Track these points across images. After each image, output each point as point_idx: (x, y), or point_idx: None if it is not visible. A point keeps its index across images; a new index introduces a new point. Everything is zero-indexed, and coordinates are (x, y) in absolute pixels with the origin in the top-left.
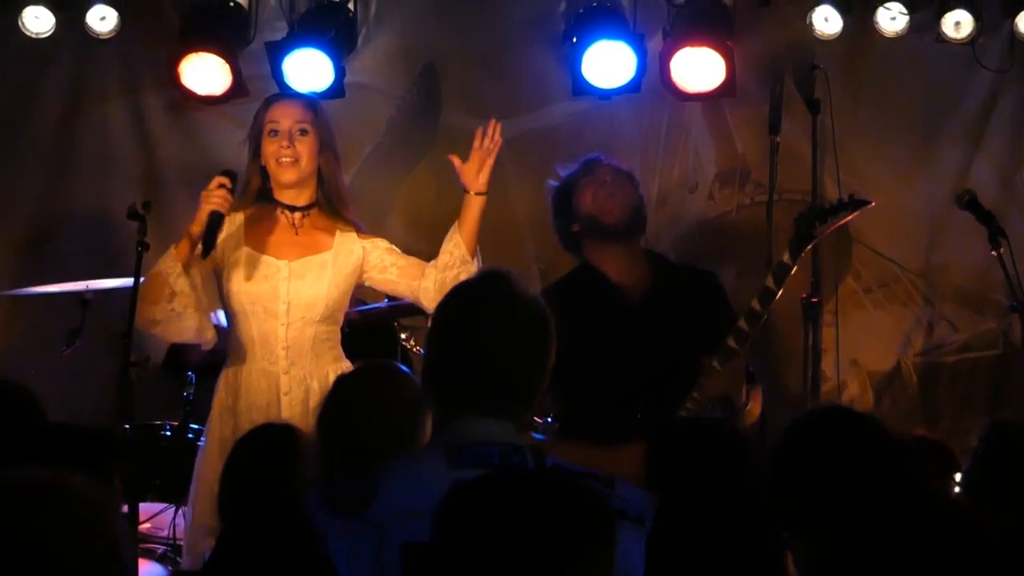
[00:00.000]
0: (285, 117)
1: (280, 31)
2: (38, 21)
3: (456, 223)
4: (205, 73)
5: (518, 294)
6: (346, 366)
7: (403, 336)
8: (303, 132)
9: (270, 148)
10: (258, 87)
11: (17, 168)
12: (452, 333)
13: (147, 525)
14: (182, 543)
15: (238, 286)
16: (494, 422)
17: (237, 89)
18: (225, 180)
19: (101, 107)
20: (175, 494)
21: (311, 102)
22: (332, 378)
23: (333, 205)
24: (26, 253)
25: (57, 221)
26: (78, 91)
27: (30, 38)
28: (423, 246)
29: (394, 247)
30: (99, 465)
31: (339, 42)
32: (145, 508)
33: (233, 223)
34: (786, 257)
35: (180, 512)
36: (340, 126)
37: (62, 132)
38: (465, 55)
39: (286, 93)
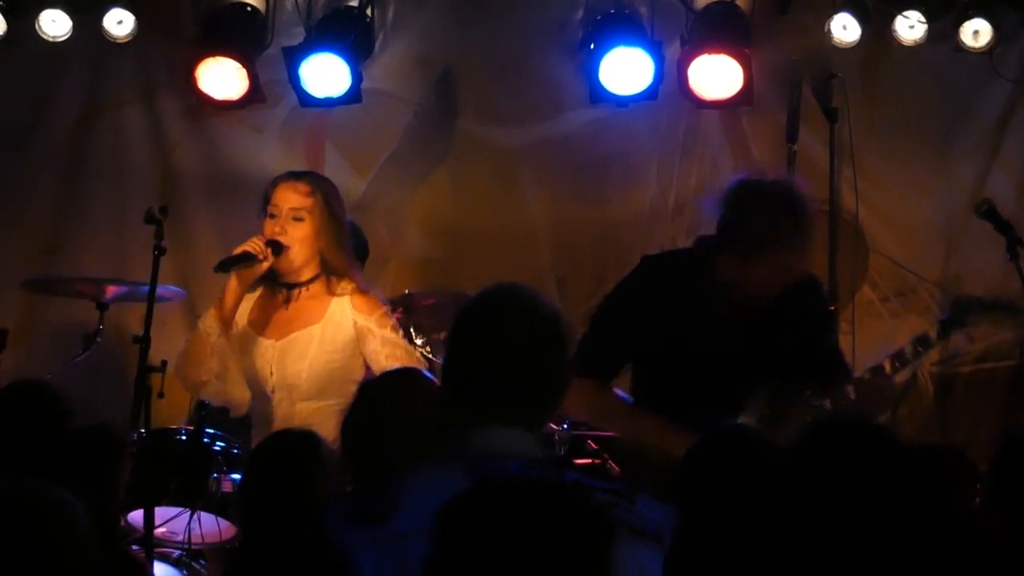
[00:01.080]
0: (284, 201)
1: (297, 36)
2: (55, 24)
3: None
4: (222, 78)
5: (537, 304)
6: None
7: (419, 343)
8: (298, 219)
9: (267, 229)
10: (275, 92)
11: (33, 172)
12: (472, 341)
13: (163, 529)
14: (197, 546)
15: (243, 366)
16: (513, 432)
17: (254, 94)
18: (265, 243)
19: (117, 111)
20: (190, 498)
21: (316, 182)
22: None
23: (330, 277)
24: (41, 257)
25: (73, 225)
26: (94, 95)
27: (47, 41)
28: (439, 253)
29: (398, 339)
30: (97, 464)
31: (356, 47)
32: (160, 512)
33: (248, 302)
34: (933, 332)
35: (195, 516)
36: (356, 132)
37: (78, 136)
38: (482, 62)
39: (296, 172)
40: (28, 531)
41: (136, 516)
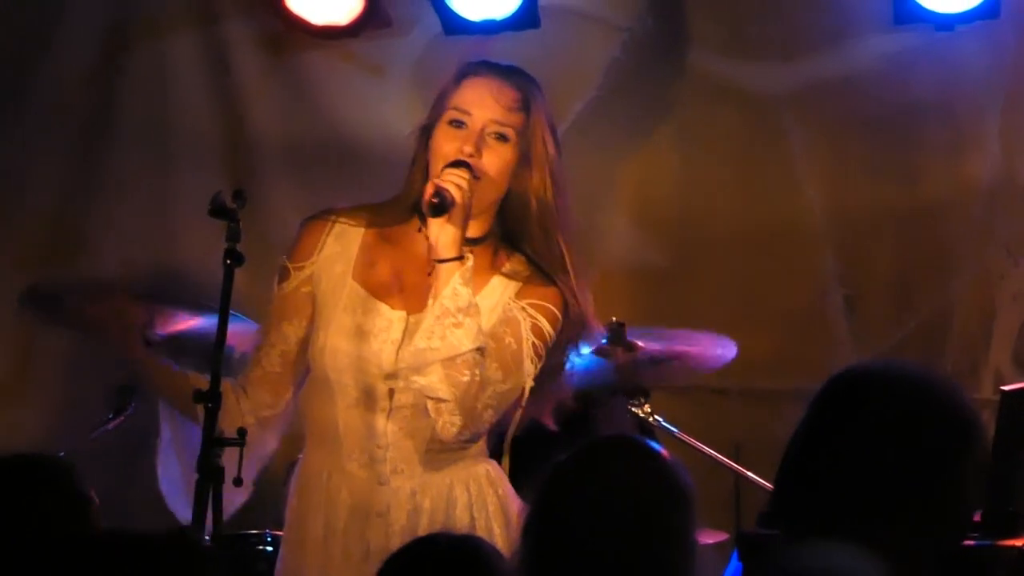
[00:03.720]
0: (482, 106)
1: None
2: None
3: None
4: None
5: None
6: (494, 473)
7: (633, 402)
8: (501, 138)
9: (446, 145)
10: (405, 12)
11: (32, 137)
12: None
13: None
14: None
15: (326, 340)
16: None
17: (372, 16)
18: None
19: (158, 42)
20: None
21: (531, 93)
22: (464, 493)
23: (501, 246)
24: (48, 266)
25: (93, 220)
26: (122, 20)
27: None
28: (661, 259)
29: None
30: None
31: None
32: None
33: (345, 242)
34: None
35: None
36: (533, 72)
37: (98, 81)
38: None
39: (501, 66)
40: None
41: None
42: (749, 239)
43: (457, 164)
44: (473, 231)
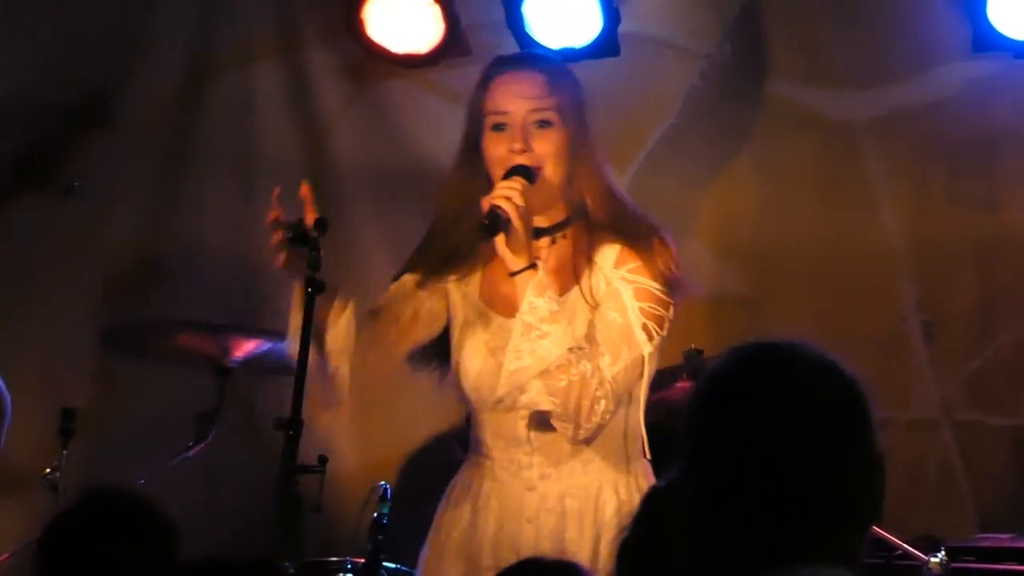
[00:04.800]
0: (514, 101)
1: None
2: None
3: None
4: (403, 20)
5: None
6: (642, 473)
7: None
8: (544, 124)
9: (496, 150)
10: (483, 40)
11: (115, 162)
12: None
13: None
14: None
15: (459, 359)
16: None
17: (452, 44)
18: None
19: (242, 70)
20: None
21: (554, 70)
22: (613, 496)
23: (584, 222)
24: (125, 294)
25: (173, 246)
26: (207, 47)
27: None
28: (740, 287)
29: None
30: None
31: None
32: None
33: (472, 262)
34: None
35: None
36: (611, 99)
37: (177, 114)
38: None
39: (517, 57)
40: None
41: None
42: (828, 266)
43: (509, 174)
44: (553, 217)
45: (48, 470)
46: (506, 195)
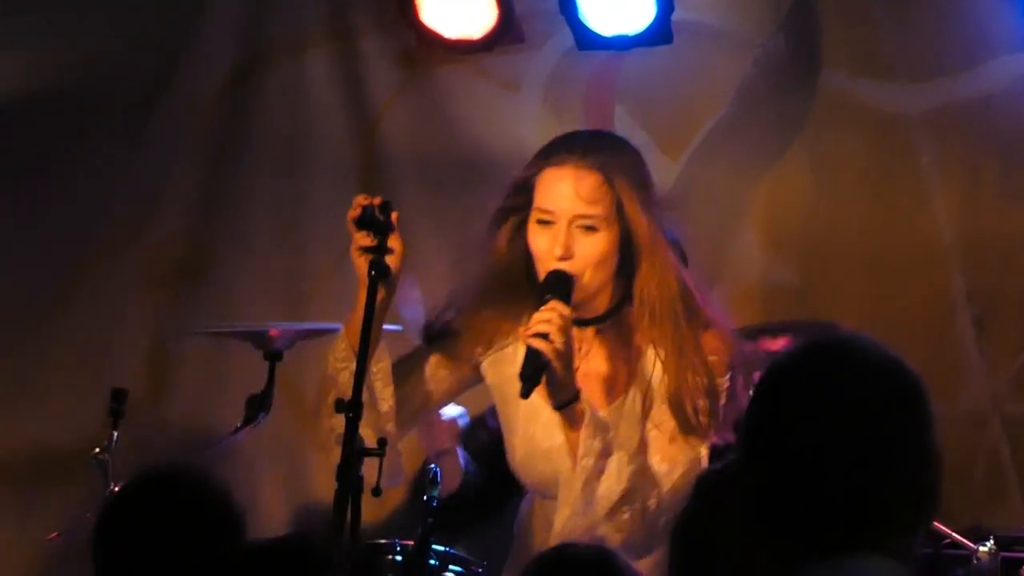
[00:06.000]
0: (562, 201)
1: None
2: None
3: None
4: (457, 5)
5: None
6: None
7: None
8: (589, 229)
9: (539, 244)
10: (538, 28)
11: (165, 160)
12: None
13: None
14: None
15: (512, 454)
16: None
17: (506, 30)
18: (548, 280)
19: (294, 60)
20: None
21: (611, 159)
22: None
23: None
24: (175, 288)
25: (224, 235)
26: (257, 37)
27: None
28: (792, 277)
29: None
30: None
31: None
32: None
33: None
34: None
35: None
36: (664, 88)
37: (228, 103)
38: None
39: (575, 141)
40: None
41: None
42: (879, 258)
43: (547, 280)
44: (597, 308)
45: (97, 450)
46: (542, 330)
